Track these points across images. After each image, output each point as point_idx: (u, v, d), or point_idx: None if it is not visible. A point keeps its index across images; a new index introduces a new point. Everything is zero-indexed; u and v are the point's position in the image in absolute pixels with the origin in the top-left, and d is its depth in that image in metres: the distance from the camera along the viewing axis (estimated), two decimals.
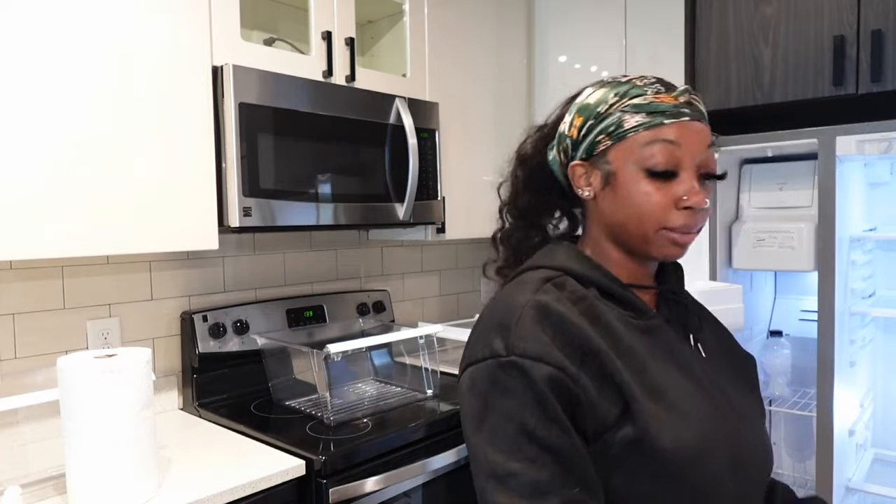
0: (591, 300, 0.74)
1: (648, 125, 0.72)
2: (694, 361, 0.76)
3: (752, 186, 1.96)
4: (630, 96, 0.74)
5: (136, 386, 1.17)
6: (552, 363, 0.67)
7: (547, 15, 2.36)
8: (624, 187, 0.74)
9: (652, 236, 0.73)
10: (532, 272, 0.78)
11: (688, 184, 0.72)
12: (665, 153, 0.71)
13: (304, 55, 1.68)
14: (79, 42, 1.27)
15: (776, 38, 1.85)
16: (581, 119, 0.77)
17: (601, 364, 0.68)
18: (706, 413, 0.71)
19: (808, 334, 1.95)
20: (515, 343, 0.68)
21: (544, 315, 0.70)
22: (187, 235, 1.44)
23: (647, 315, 0.76)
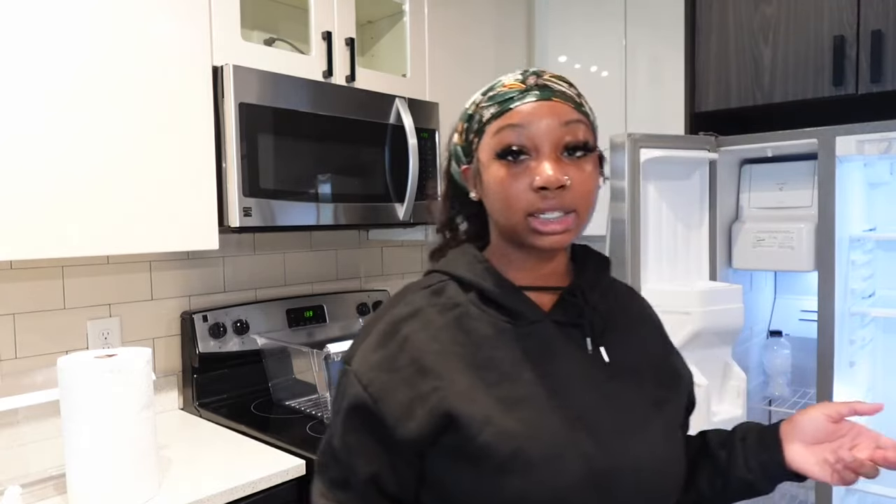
0: (465, 307, 0.74)
1: (498, 113, 0.72)
2: (582, 367, 0.73)
3: (751, 186, 1.96)
4: (489, 91, 0.75)
5: (137, 386, 1.17)
6: (368, 387, 0.69)
7: (547, 15, 2.36)
8: (486, 179, 0.73)
9: (518, 225, 0.70)
10: (426, 278, 0.79)
11: (542, 163, 0.68)
12: (512, 136, 0.70)
13: (304, 55, 1.68)
14: (79, 42, 1.27)
15: (776, 38, 1.85)
16: (462, 125, 0.78)
17: (433, 379, 0.68)
18: (566, 426, 0.68)
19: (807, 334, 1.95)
20: (355, 354, 0.73)
21: (392, 333, 0.72)
22: (187, 235, 1.44)
23: (526, 319, 0.73)
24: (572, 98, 0.73)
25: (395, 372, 0.69)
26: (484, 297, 0.75)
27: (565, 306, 0.76)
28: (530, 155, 0.69)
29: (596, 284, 0.80)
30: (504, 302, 0.74)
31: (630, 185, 1.71)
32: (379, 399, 0.68)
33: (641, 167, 1.72)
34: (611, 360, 0.75)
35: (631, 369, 0.77)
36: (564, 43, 2.33)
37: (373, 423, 0.69)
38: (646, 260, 1.77)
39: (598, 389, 0.72)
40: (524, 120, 0.70)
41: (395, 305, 0.75)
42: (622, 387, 0.74)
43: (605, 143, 1.78)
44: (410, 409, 0.67)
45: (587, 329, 0.75)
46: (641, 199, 1.74)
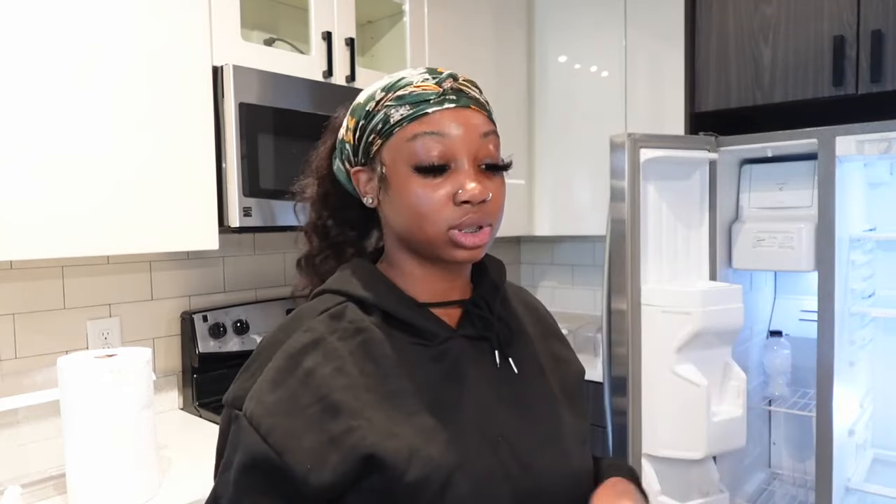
0: (369, 332, 0.67)
1: (412, 117, 0.66)
2: (497, 383, 0.70)
3: (751, 186, 1.96)
4: (395, 89, 0.68)
5: (136, 386, 1.17)
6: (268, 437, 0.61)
7: (547, 15, 2.36)
8: (397, 189, 0.66)
9: (437, 239, 0.66)
10: (318, 300, 0.71)
11: (463, 176, 0.65)
12: (431, 146, 0.65)
13: (304, 55, 1.68)
14: (79, 43, 1.27)
15: (776, 38, 1.86)
16: (354, 120, 0.71)
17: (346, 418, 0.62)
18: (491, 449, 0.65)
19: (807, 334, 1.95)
20: (249, 398, 0.64)
21: (293, 369, 0.64)
22: (187, 235, 1.44)
23: (437, 338, 0.69)
24: (484, 106, 0.70)
25: (298, 414, 0.61)
26: (389, 318, 0.69)
27: (472, 319, 0.72)
28: (450, 166, 0.65)
29: (496, 292, 0.76)
30: (414, 322, 0.68)
31: (630, 185, 1.71)
32: (283, 450, 0.60)
33: (641, 167, 1.72)
34: (519, 370, 0.72)
35: (538, 376, 0.75)
36: (564, 43, 2.33)
37: (275, 480, 0.61)
38: (646, 260, 1.77)
39: (512, 404, 0.70)
40: (443, 128, 0.65)
41: (290, 333, 0.67)
42: (533, 397, 0.72)
43: (605, 143, 1.78)
44: (322, 455, 0.60)
45: (495, 342, 0.72)
46: (641, 199, 1.74)
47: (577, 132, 2.31)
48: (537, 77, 2.40)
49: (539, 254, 2.83)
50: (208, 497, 0.67)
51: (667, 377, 1.69)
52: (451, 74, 0.69)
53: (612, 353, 1.76)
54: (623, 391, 1.73)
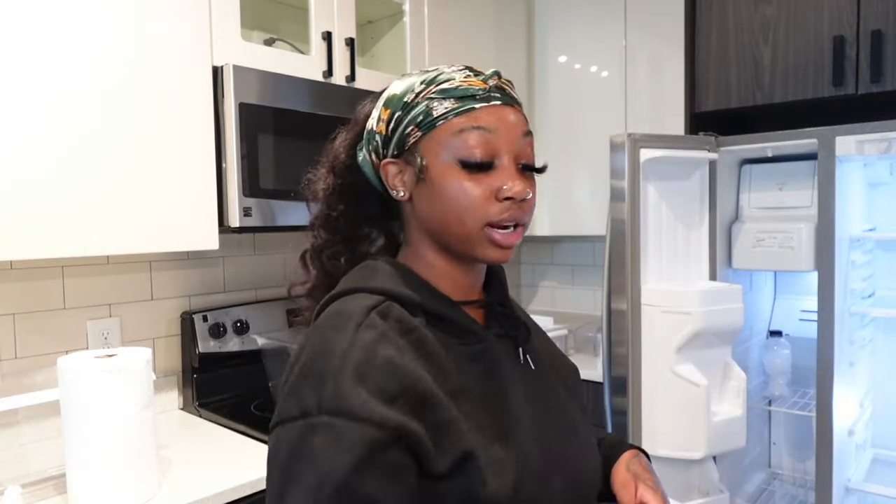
0: (419, 331, 0.64)
1: (458, 110, 0.65)
2: (523, 379, 0.71)
3: (751, 186, 1.96)
4: (437, 82, 0.67)
5: (136, 386, 1.17)
6: (381, 422, 0.56)
7: (547, 15, 2.36)
8: (438, 182, 0.65)
9: (475, 235, 0.65)
10: (351, 299, 0.67)
11: (506, 173, 0.65)
12: (479, 141, 0.64)
13: (304, 55, 1.68)
14: (79, 42, 1.27)
15: (776, 38, 1.86)
16: (388, 112, 0.69)
17: (437, 411, 0.60)
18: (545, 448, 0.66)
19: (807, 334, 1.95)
20: (331, 399, 0.57)
21: (371, 360, 0.59)
22: (187, 235, 1.44)
23: (476, 336, 0.69)
24: (522, 105, 0.71)
25: (392, 403, 0.58)
26: (429, 316, 0.67)
27: (497, 318, 0.73)
28: (494, 163, 0.65)
29: (506, 292, 0.77)
30: (457, 320, 0.68)
31: (630, 185, 1.71)
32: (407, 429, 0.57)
33: (641, 167, 1.72)
34: (535, 367, 0.74)
35: (548, 372, 0.77)
36: (564, 43, 2.33)
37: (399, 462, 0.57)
38: (646, 260, 1.77)
39: (536, 400, 0.71)
40: (490, 124, 0.65)
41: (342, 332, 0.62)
42: (549, 392, 0.74)
43: (605, 143, 1.78)
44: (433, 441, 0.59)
45: (521, 339, 0.74)
46: (641, 199, 1.74)
47: (576, 132, 2.31)
48: (537, 77, 2.40)
49: (539, 254, 2.83)
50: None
51: (667, 377, 1.69)
52: (495, 72, 0.69)
53: (612, 353, 1.76)
54: (623, 391, 1.73)
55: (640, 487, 0.72)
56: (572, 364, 0.85)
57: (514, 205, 0.65)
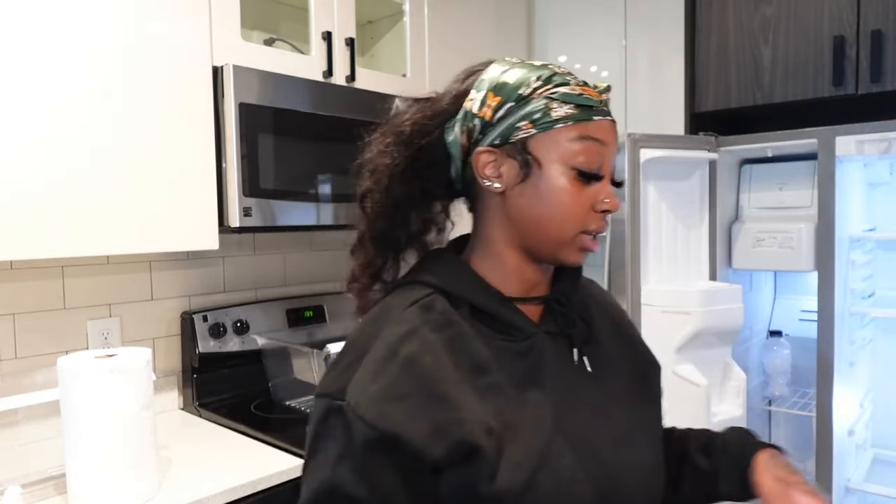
0: (460, 326, 0.66)
1: (578, 118, 0.66)
2: (575, 382, 0.70)
3: (751, 186, 1.96)
4: (555, 83, 0.67)
5: (136, 386, 1.17)
6: (375, 426, 0.60)
7: (547, 15, 2.36)
8: (548, 183, 0.66)
9: (569, 240, 0.68)
10: (403, 290, 0.70)
11: (605, 186, 0.69)
12: (593, 153, 0.67)
13: (304, 55, 1.68)
14: (79, 42, 1.27)
15: (776, 38, 1.86)
16: (498, 99, 0.67)
17: (449, 409, 0.61)
18: (574, 449, 0.65)
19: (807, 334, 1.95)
20: (350, 390, 0.62)
21: (391, 358, 0.63)
22: (187, 235, 1.44)
23: (523, 333, 0.69)
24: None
25: (402, 401, 0.61)
26: (475, 311, 0.69)
27: (554, 316, 0.73)
28: (601, 176, 0.69)
29: (575, 289, 0.76)
30: (501, 316, 0.69)
31: (630, 185, 1.71)
32: (395, 434, 0.60)
33: (641, 167, 1.72)
34: (592, 367, 0.73)
35: (611, 375, 0.75)
36: (564, 43, 2.33)
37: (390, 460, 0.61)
38: (646, 260, 1.77)
39: (587, 403, 0.70)
40: (604, 138, 0.68)
41: (381, 325, 0.67)
42: (607, 396, 0.73)
43: None
44: (431, 438, 0.60)
45: (576, 339, 0.73)
46: (641, 199, 1.74)
47: None
48: None
49: None
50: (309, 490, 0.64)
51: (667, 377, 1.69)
52: (608, 87, 0.70)
53: None
54: None
55: (796, 497, 0.69)
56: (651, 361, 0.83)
57: (604, 216, 0.69)
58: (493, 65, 0.72)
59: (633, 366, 0.79)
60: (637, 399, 0.76)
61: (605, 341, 0.77)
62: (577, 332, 0.73)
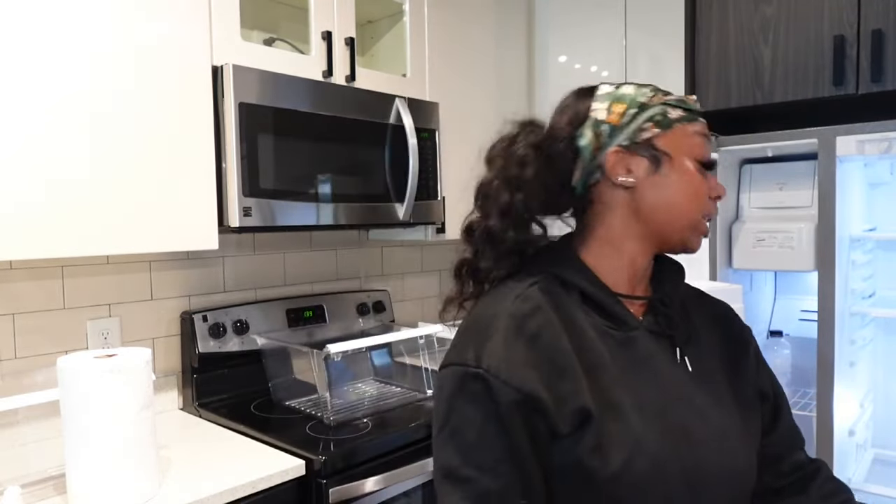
0: (571, 307, 0.74)
1: (689, 119, 0.77)
2: (675, 377, 0.75)
3: (752, 186, 1.96)
4: (664, 93, 0.78)
5: (136, 386, 1.17)
6: (519, 387, 0.66)
7: (547, 15, 2.36)
8: (679, 173, 0.75)
9: (695, 223, 0.76)
10: (521, 275, 0.76)
11: (713, 178, 0.78)
12: (707, 146, 0.77)
13: (304, 55, 1.68)
14: (79, 42, 1.27)
15: (776, 38, 1.85)
16: (623, 106, 0.77)
17: (570, 380, 0.68)
18: (667, 436, 0.69)
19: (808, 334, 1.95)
20: (486, 357, 0.68)
21: (520, 329, 0.70)
22: (187, 235, 1.44)
23: (627, 326, 0.75)
24: None
25: (536, 369, 0.68)
26: (585, 300, 0.75)
27: (656, 315, 0.78)
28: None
29: (678, 292, 0.83)
30: (609, 306, 0.75)
31: None
32: (537, 397, 0.66)
33: None
34: (694, 369, 0.77)
35: (712, 379, 0.78)
36: (564, 43, 2.33)
37: (530, 422, 0.67)
38: None
39: (687, 400, 0.74)
40: (709, 135, 0.78)
41: (505, 302, 0.73)
42: (706, 396, 0.76)
43: None
44: (559, 407, 0.67)
45: (677, 339, 0.78)
46: None
47: None
48: (537, 77, 2.40)
49: None
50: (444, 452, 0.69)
51: None
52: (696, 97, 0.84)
53: None
54: None
55: None
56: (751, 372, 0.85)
57: (715, 203, 0.78)
58: (602, 85, 0.80)
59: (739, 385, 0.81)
60: (735, 402, 0.79)
61: (712, 351, 0.82)
62: (679, 332, 0.78)
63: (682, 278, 0.85)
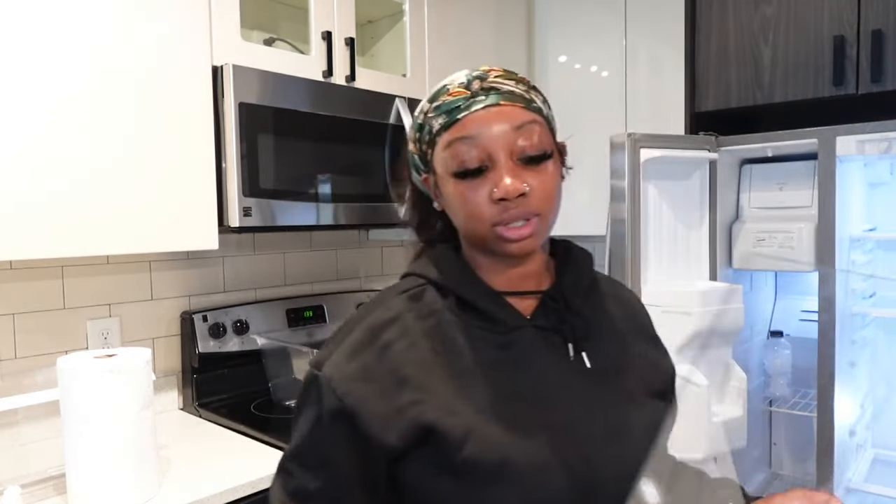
0: (443, 314, 0.71)
1: (447, 125, 0.70)
2: (561, 375, 0.71)
3: (752, 186, 1.96)
4: (435, 99, 0.72)
5: (136, 386, 1.17)
6: (341, 397, 0.66)
7: (547, 15, 2.36)
8: (445, 194, 0.72)
9: (488, 237, 0.69)
10: (401, 281, 0.77)
11: (498, 174, 0.67)
12: (464, 150, 0.68)
13: (304, 55, 1.68)
14: (78, 42, 1.27)
15: (776, 38, 1.85)
16: (413, 132, 0.76)
17: (412, 392, 0.66)
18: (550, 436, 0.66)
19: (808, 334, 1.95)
20: (327, 363, 0.69)
21: (372, 340, 0.69)
22: (187, 235, 1.44)
23: (506, 326, 0.71)
24: (522, 96, 0.70)
25: (372, 382, 0.66)
26: (463, 303, 0.72)
27: (547, 311, 0.74)
28: (487, 166, 0.68)
29: (578, 285, 0.77)
30: (483, 308, 0.71)
31: (630, 185, 1.71)
32: (355, 412, 0.65)
33: (641, 167, 1.72)
34: (592, 364, 0.73)
35: (613, 373, 0.75)
36: (564, 43, 2.33)
37: (348, 433, 0.66)
38: (646, 260, 1.76)
39: (580, 397, 0.71)
40: (474, 130, 0.68)
41: (373, 310, 0.73)
42: (604, 392, 0.72)
43: (605, 143, 1.78)
44: (388, 421, 0.65)
45: (568, 334, 0.73)
46: (641, 199, 1.74)
47: (576, 132, 2.30)
48: (537, 77, 2.40)
49: None
50: (290, 444, 0.71)
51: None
52: (478, 75, 0.71)
53: None
54: None
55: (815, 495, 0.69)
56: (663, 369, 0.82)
57: (512, 204, 0.67)
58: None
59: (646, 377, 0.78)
60: (643, 407, 0.75)
61: (617, 345, 0.78)
62: (571, 327, 0.73)
63: (584, 269, 0.79)
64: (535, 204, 0.68)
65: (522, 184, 0.67)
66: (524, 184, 0.67)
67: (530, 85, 0.73)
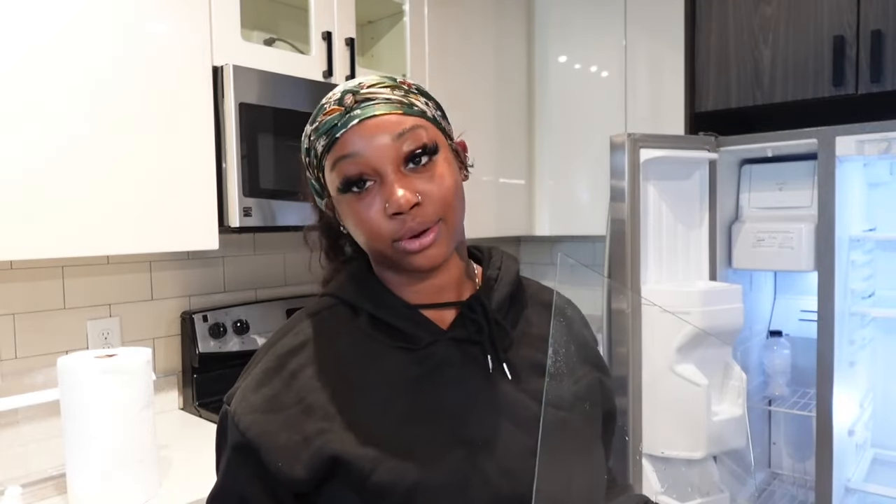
0: (354, 336, 0.68)
1: (328, 146, 0.66)
2: (483, 388, 0.68)
3: (751, 186, 1.96)
4: (314, 122, 0.68)
5: (136, 386, 1.17)
6: (244, 431, 0.64)
7: (547, 15, 2.36)
8: (341, 215, 0.69)
9: (390, 253, 0.65)
10: (313, 302, 0.74)
11: (388, 188, 0.63)
12: (347, 169, 0.64)
13: (304, 55, 1.68)
14: (79, 42, 1.27)
15: (776, 38, 1.86)
16: (303, 158, 0.72)
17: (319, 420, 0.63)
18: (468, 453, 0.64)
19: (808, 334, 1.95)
20: (235, 396, 0.67)
21: (279, 368, 0.67)
22: (187, 235, 1.44)
23: (421, 340, 0.68)
24: (399, 102, 0.66)
25: (278, 413, 0.64)
26: (376, 321, 0.69)
27: (465, 322, 0.70)
28: (374, 180, 0.64)
29: (500, 292, 0.73)
30: (397, 324, 0.68)
31: (630, 185, 1.71)
32: (258, 446, 0.63)
33: (641, 167, 1.72)
34: (514, 375, 0.69)
35: (538, 383, 0.70)
36: (564, 43, 2.33)
37: (254, 467, 0.63)
38: (646, 260, 1.77)
39: (500, 410, 0.67)
40: (355, 147, 0.64)
41: (281, 336, 0.70)
42: (527, 404, 0.69)
43: (605, 143, 1.78)
44: (294, 453, 0.62)
45: (487, 345, 0.69)
46: (641, 199, 1.74)
47: (577, 132, 2.31)
48: (537, 77, 2.40)
49: (539, 254, 2.83)
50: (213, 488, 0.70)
51: (667, 377, 1.69)
52: (350, 89, 0.67)
53: (612, 353, 1.76)
54: (623, 391, 1.73)
55: None
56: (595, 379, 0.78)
57: (409, 216, 0.63)
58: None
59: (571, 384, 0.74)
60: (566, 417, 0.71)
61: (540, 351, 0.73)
62: (493, 338, 0.70)
63: (507, 275, 0.75)
64: (432, 210, 0.64)
65: (414, 193, 0.63)
66: (416, 193, 0.63)
67: (411, 88, 0.69)
